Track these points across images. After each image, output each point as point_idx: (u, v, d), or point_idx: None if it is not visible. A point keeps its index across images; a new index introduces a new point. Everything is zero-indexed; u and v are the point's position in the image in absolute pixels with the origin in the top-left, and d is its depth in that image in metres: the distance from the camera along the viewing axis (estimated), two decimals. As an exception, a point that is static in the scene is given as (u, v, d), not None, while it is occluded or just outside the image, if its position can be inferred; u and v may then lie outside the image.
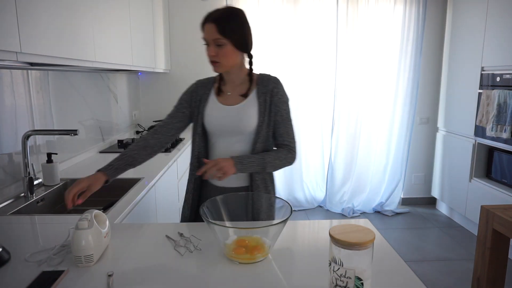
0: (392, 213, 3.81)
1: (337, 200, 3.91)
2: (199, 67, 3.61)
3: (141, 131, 3.43)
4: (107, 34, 1.97)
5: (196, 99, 1.43)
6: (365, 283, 0.79)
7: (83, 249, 0.99)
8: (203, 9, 3.63)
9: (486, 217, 1.76)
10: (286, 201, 1.15)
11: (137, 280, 0.94)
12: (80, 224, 1.01)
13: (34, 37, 1.28)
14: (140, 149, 1.40)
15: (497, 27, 2.90)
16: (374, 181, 3.92)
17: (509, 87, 2.79)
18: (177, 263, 1.03)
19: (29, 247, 1.13)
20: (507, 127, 2.75)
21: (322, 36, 3.65)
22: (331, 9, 3.61)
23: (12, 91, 1.70)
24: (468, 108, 3.27)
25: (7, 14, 1.14)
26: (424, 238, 3.28)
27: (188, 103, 1.44)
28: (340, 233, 0.80)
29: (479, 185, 3.14)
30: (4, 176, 1.64)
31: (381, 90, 3.74)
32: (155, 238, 1.19)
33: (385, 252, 1.10)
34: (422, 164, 4.02)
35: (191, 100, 1.44)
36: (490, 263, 1.75)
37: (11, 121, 1.70)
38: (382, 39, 3.64)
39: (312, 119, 3.80)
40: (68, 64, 1.56)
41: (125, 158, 1.37)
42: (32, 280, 0.93)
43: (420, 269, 2.73)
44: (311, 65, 3.68)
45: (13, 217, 1.41)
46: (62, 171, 2.03)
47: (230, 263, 1.03)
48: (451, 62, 3.59)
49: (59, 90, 2.10)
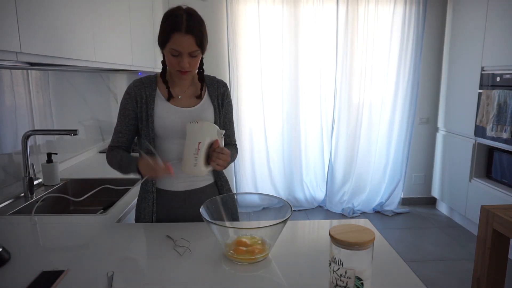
0: (392, 213, 3.81)
1: (337, 200, 3.91)
2: (199, 67, 3.61)
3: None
4: (107, 34, 1.97)
5: (141, 102, 1.32)
6: (365, 283, 0.79)
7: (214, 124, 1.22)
8: (203, 9, 3.63)
9: (486, 217, 1.76)
10: (286, 201, 1.15)
11: (137, 280, 0.94)
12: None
13: (34, 37, 1.28)
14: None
15: (497, 27, 2.90)
16: (374, 181, 3.92)
17: (509, 87, 2.79)
18: (177, 263, 1.03)
19: (29, 247, 1.13)
20: (507, 127, 2.75)
21: (322, 37, 3.64)
22: (331, 10, 3.61)
23: (12, 91, 1.70)
24: (468, 108, 3.27)
25: (7, 14, 1.14)
26: (424, 238, 3.28)
27: (135, 111, 1.33)
28: (340, 233, 0.80)
29: (479, 185, 3.14)
30: (4, 176, 1.64)
31: (381, 90, 3.74)
32: (155, 238, 1.19)
33: (385, 252, 1.10)
34: (422, 164, 4.02)
35: (137, 106, 1.32)
36: (490, 263, 1.75)
37: (11, 121, 1.70)
38: (382, 39, 3.64)
39: (312, 119, 3.80)
40: (68, 64, 1.56)
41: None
42: (32, 280, 0.93)
43: (420, 269, 2.73)
44: (311, 65, 3.68)
45: (13, 217, 1.41)
46: (62, 171, 2.03)
47: (230, 263, 1.03)
48: (451, 62, 3.59)
49: (59, 90, 2.10)
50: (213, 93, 1.39)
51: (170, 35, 1.20)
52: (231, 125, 1.46)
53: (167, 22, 1.22)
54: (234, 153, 1.46)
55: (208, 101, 1.38)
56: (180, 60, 1.23)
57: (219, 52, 3.64)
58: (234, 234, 1.10)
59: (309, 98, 3.74)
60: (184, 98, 1.36)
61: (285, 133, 3.79)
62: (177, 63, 1.24)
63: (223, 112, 1.42)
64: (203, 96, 1.37)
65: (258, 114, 3.72)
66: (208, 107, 1.37)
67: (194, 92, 1.37)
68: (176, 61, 1.23)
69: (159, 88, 1.35)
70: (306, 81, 3.70)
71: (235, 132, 1.50)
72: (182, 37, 1.19)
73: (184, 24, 1.19)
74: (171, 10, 1.24)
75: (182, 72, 1.26)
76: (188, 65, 1.24)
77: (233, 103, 4.02)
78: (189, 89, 1.37)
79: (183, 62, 1.23)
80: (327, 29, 3.64)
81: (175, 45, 1.20)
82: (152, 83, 1.35)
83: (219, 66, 3.66)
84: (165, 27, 1.22)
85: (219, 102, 1.39)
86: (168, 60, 1.26)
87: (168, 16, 1.23)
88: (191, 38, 1.20)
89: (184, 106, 1.33)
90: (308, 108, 3.77)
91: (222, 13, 3.55)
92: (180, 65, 1.23)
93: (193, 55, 1.24)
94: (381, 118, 3.80)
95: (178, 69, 1.25)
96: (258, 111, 3.71)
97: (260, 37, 3.56)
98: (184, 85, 1.36)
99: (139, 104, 1.32)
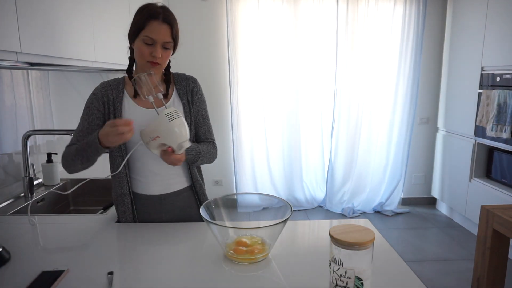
0: (392, 213, 3.81)
1: (337, 200, 3.91)
2: (198, 67, 3.62)
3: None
4: (107, 34, 1.97)
5: (108, 104, 1.29)
6: (365, 283, 0.79)
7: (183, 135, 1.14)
8: (203, 9, 3.63)
9: (486, 217, 1.76)
10: (286, 201, 1.15)
11: (137, 280, 0.94)
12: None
13: (34, 37, 1.28)
14: None
15: (497, 27, 2.90)
16: (374, 181, 3.92)
17: (509, 87, 2.79)
18: (176, 263, 1.03)
19: (29, 247, 1.13)
20: (507, 127, 2.75)
21: (322, 36, 3.64)
22: (331, 9, 3.61)
23: (12, 91, 1.70)
24: (468, 108, 3.27)
25: (7, 14, 1.14)
26: (424, 238, 3.28)
27: (101, 111, 1.29)
28: (340, 233, 0.80)
29: (479, 185, 3.14)
30: (4, 176, 1.64)
31: (381, 90, 3.74)
32: (155, 238, 1.19)
33: (385, 252, 1.10)
34: (422, 164, 4.02)
35: (103, 107, 1.29)
36: (490, 263, 1.75)
37: (11, 121, 1.70)
38: (382, 39, 3.64)
39: (312, 119, 3.80)
40: (68, 64, 1.56)
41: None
42: (32, 280, 0.93)
43: (420, 269, 2.73)
44: (311, 65, 3.68)
45: (13, 217, 1.41)
46: (62, 171, 2.03)
47: (230, 263, 1.03)
48: (451, 62, 3.59)
49: (59, 90, 2.10)
50: (181, 90, 1.36)
51: (146, 23, 1.20)
52: (205, 122, 1.41)
53: (143, 12, 1.22)
54: (211, 149, 1.39)
55: (177, 99, 1.35)
56: (153, 50, 1.21)
57: (219, 52, 3.64)
58: (234, 234, 1.10)
59: (309, 98, 3.74)
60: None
61: (285, 133, 3.79)
62: (149, 53, 1.21)
63: (194, 109, 1.37)
64: (171, 96, 1.34)
65: (258, 114, 3.72)
66: (176, 106, 1.33)
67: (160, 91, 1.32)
68: (148, 51, 1.21)
69: (126, 89, 1.32)
70: (306, 80, 3.70)
71: (212, 130, 1.44)
72: (159, 25, 1.20)
73: (162, 14, 1.21)
74: (147, 3, 1.25)
75: (153, 63, 1.23)
76: (161, 56, 1.22)
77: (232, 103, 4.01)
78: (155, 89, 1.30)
79: (156, 52, 1.21)
80: (327, 28, 3.64)
81: (150, 32, 1.20)
82: (119, 85, 1.32)
83: (219, 66, 3.66)
84: (141, 17, 1.22)
85: (188, 100, 1.36)
86: (139, 51, 1.23)
87: (144, 8, 1.24)
88: (167, 28, 1.21)
89: (152, 107, 1.27)
90: (308, 107, 3.77)
91: (222, 13, 3.55)
92: (152, 54, 1.21)
93: (166, 47, 1.24)
94: (381, 118, 3.80)
95: (150, 59, 1.22)
96: (258, 111, 3.71)
97: (260, 37, 3.56)
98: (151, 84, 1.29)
99: (106, 106, 1.29)
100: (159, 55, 1.21)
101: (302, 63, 3.66)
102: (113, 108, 1.28)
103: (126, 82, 1.34)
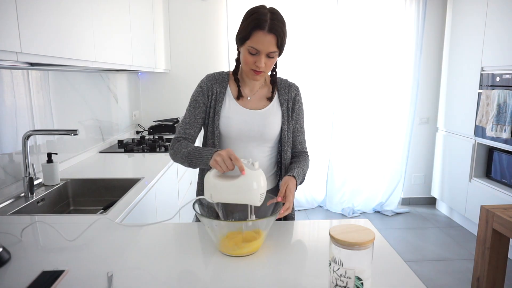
0: (392, 213, 3.81)
1: (337, 200, 3.91)
2: (199, 67, 3.62)
3: (141, 131, 3.43)
4: (107, 34, 1.97)
5: (211, 98, 1.32)
6: (365, 283, 0.79)
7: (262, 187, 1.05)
8: (203, 9, 3.63)
9: (486, 217, 1.76)
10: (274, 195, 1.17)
11: (137, 280, 0.94)
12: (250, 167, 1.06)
13: (34, 37, 1.28)
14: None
15: (497, 27, 2.90)
16: (374, 181, 3.92)
17: (509, 87, 2.79)
18: (176, 263, 1.03)
19: (29, 247, 1.13)
20: (507, 127, 2.75)
21: (322, 36, 3.65)
22: (331, 9, 3.61)
23: (12, 91, 1.70)
24: (468, 108, 3.27)
25: (7, 14, 1.14)
26: (424, 238, 3.28)
27: (206, 105, 1.33)
28: (340, 233, 0.80)
29: (479, 185, 3.14)
30: (4, 176, 1.64)
31: (381, 90, 3.74)
32: (155, 238, 1.19)
33: (385, 252, 1.10)
34: (422, 164, 4.02)
35: (208, 100, 1.33)
36: (490, 263, 1.75)
37: (11, 121, 1.70)
38: (382, 39, 3.65)
39: (312, 119, 3.80)
40: (68, 64, 1.56)
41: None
42: (32, 280, 0.93)
43: (420, 269, 2.73)
44: (311, 65, 3.68)
45: (13, 217, 1.41)
46: (62, 171, 2.03)
47: (230, 263, 1.03)
48: (451, 62, 3.59)
49: (59, 90, 2.10)
50: (283, 97, 1.36)
51: (252, 32, 1.18)
52: (302, 131, 1.42)
53: (250, 18, 1.19)
54: (308, 164, 1.40)
55: (277, 105, 1.35)
56: (257, 59, 1.21)
57: (219, 52, 3.64)
58: (227, 229, 1.09)
59: (308, 98, 3.74)
60: (253, 99, 1.34)
61: (285, 133, 3.78)
62: (253, 62, 1.22)
63: (294, 118, 1.38)
64: (273, 99, 1.35)
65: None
66: (276, 112, 1.34)
67: (265, 94, 1.35)
68: (252, 60, 1.22)
69: (230, 86, 1.34)
70: (306, 80, 3.70)
71: (305, 139, 1.45)
72: (264, 36, 1.17)
73: (268, 23, 1.17)
74: (255, 7, 1.22)
75: (257, 72, 1.24)
76: (264, 65, 1.22)
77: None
78: (259, 91, 1.35)
79: (259, 62, 1.21)
80: (327, 28, 3.64)
81: (255, 43, 1.18)
82: (224, 80, 1.34)
83: (219, 66, 3.66)
84: (247, 24, 1.20)
85: (288, 107, 1.36)
86: (244, 58, 1.24)
87: (251, 13, 1.21)
88: (273, 38, 1.18)
89: (252, 108, 1.32)
90: (307, 107, 3.76)
91: (222, 13, 3.55)
92: (256, 64, 1.21)
93: (271, 56, 1.22)
94: (381, 118, 3.80)
95: (253, 68, 1.23)
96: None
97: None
98: (255, 85, 1.34)
99: (210, 99, 1.32)
100: (262, 65, 1.21)
101: (301, 63, 3.67)
102: (214, 102, 1.31)
103: (230, 78, 1.36)
